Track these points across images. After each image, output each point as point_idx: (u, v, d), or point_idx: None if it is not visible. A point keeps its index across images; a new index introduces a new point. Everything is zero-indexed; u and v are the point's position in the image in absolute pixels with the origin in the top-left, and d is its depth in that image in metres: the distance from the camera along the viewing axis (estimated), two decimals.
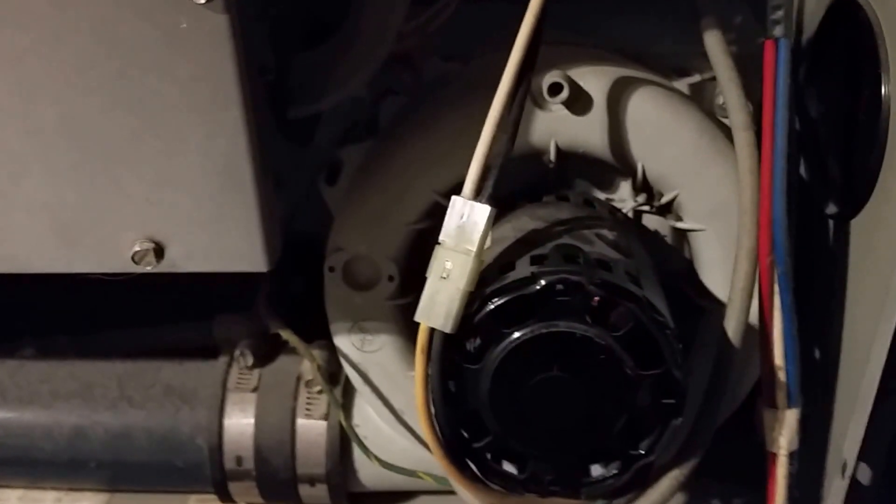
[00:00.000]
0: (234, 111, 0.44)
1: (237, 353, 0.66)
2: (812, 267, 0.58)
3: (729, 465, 0.62)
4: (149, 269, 0.47)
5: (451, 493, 0.65)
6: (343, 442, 0.64)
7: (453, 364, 0.46)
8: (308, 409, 0.64)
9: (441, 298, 0.44)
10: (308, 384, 0.64)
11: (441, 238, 0.45)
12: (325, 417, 0.64)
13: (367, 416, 0.64)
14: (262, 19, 0.45)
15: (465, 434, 0.47)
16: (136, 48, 0.43)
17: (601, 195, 0.59)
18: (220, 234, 0.47)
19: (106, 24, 0.42)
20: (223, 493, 0.66)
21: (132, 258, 0.47)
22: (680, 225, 0.56)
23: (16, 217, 0.47)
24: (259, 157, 0.45)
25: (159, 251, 0.47)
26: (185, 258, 0.48)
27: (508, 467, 0.48)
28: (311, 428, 0.64)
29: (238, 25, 0.42)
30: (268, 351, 0.66)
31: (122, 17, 0.42)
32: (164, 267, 0.48)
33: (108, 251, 0.48)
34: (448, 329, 0.44)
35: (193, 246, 0.48)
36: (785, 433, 0.52)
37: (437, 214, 0.56)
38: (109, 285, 0.69)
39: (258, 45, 0.45)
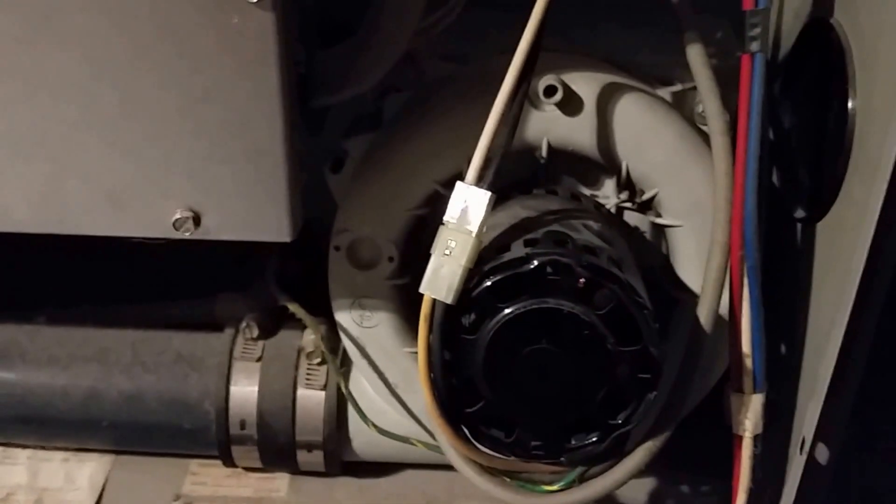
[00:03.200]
0: (272, 98, 0.47)
1: (243, 325, 0.68)
2: (781, 266, 0.61)
3: (697, 457, 0.66)
4: (187, 235, 0.51)
5: (437, 466, 0.69)
6: (339, 412, 0.67)
7: (452, 334, 0.49)
8: (308, 380, 0.67)
9: (444, 273, 0.48)
10: (309, 356, 0.67)
11: (445, 219, 0.48)
12: (324, 388, 0.67)
13: (363, 390, 0.67)
14: (295, 17, 0.48)
15: (460, 399, 0.51)
16: (191, 39, 0.46)
17: (587, 191, 0.62)
18: (251, 207, 0.51)
19: (167, 16, 0.46)
20: (226, 455, 0.69)
21: (173, 225, 0.51)
22: (659, 221, 0.59)
23: (71, 183, 0.51)
24: (289, 140, 0.49)
25: (197, 220, 0.51)
26: (218, 227, 0.51)
27: (496, 432, 0.51)
28: (311, 397, 0.67)
29: (282, 22, 0.45)
30: (271, 325, 0.69)
31: (182, 10, 0.46)
32: (200, 234, 0.51)
33: (153, 218, 0.51)
34: (449, 300, 0.48)
35: (227, 216, 0.51)
36: (750, 416, 0.55)
37: (435, 202, 0.60)
38: (124, 262, 0.73)
39: (293, 40, 0.48)
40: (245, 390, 0.67)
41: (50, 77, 0.48)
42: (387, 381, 0.66)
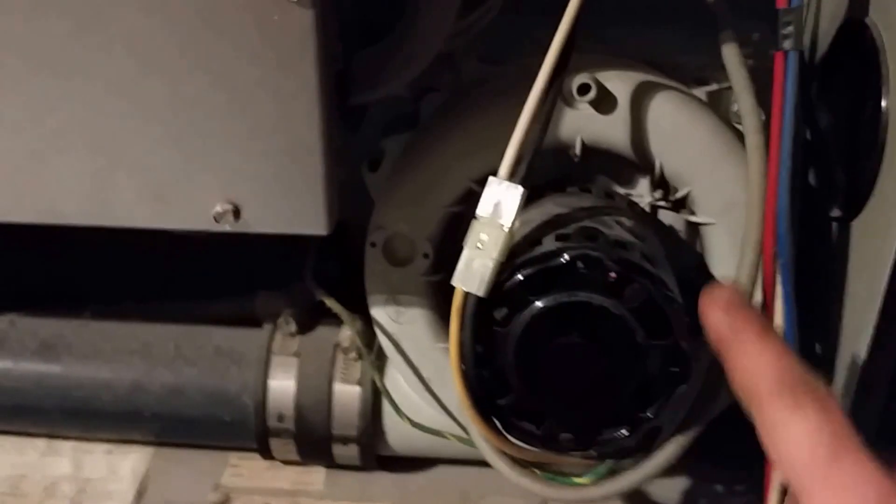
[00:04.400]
0: (311, 94, 0.49)
1: (281, 320, 0.70)
2: (817, 265, 0.62)
3: (733, 455, 0.66)
4: (227, 228, 0.52)
5: (470, 462, 0.70)
6: (374, 406, 0.68)
7: (483, 327, 0.50)
8: (344, 375, 0.68)
9: (476, 266, 0.48)
10: (345, 351, 0.68)
11: (477, 213, 0.49)
12: (359, 383, 0.68)
13: (397, 385, 0.68)
14: (334, 16, 0.49)
15: (491, 391, 0.51)
16: (233, 36, 0.48)
17: (621, 190, 0.62)
18: (290, 201, 0.52)
19: (211, 14, 0.47)
20: (264, 447, 0.70)
21: (214, 217, 0.52)
22: (693, 219, 0.60)
23: (118, 176, 0.52)
24: (327, 137, 0.50)
25: (237, 212, 0.52)
26: (258, 220, 0.52)
27: (527, 424, 0.52)
28: (346, 392, 0.68)
29: (321, 20, 0.47)
30: (308, 320, 0.70)
31: (225, 8, 0.47)
32: (240, 227, 0.52)
33: (194, 210, 0.52)
34: (481, 293, 0.48)
35: (266, 209, 0.52)
36: None
37: (469, 199, 0.60)
38: (168, 260, 0.75)
39: (332, 38, 0.49)
40: (283, 384, 0.68)
41: (98, 74, 0.50)
42: (421, 375, 0.67)
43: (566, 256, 0.49)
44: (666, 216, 0.62)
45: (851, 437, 0.33)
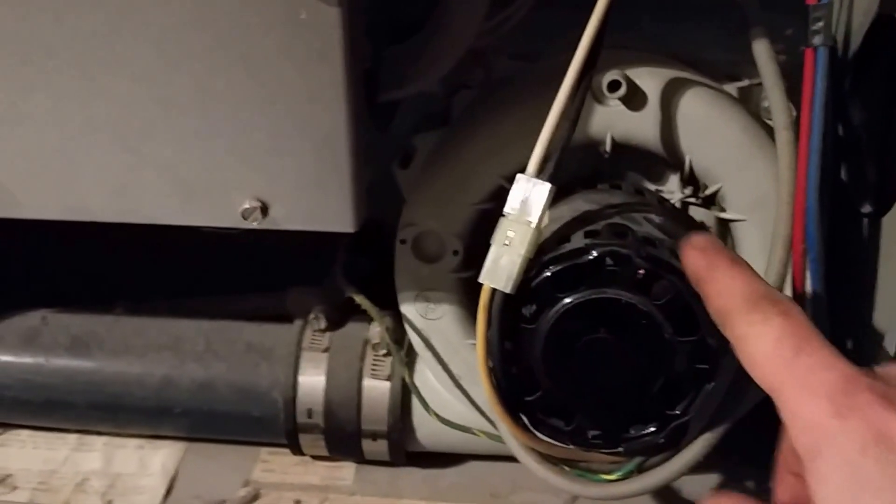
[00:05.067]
0: (338, 92, 0.49)
1: (311, 316, 0.71)
2: (848, 261, 0.62)
3: (764, 452, 0.66)
4: (254, 225, 0.53)
5: (499, 458, 0.71)
6: (404, 402, 0.69)
7: (511, 323, 0.51)
8: (374, 370, 0.69)
9: (503, 263, 0.49)
10: (375, 347, 0.69)
11: (505, 210, 0.50)
12: (389, 378, 0.69)
13: (427, 381, 0.69)
14: (362, 14, 0.50)
15: (519, 388, 0.52)
16: (261, 33, 0.49)
17: (651, 186, 0.63)
18: (317, 197, 0.53)
19: (239, 11, 0.48)
20: (294, 442, 0.71)
21: (241, 214, 0.53)
22: (723, 215, 0.60)
23: (144, 174, 0.53)
24: (354, 133, 0.51)
25: (265, 209, 0.53)
26: (285, 217, 0.53)
27: (556, 421, 0.53)
28: (376, 387, 0.69)
29: (348, 17, 0.48)
30: (339, 317, 0.71)
31: (253, 6, 0.48)
32: (267, 224, 0.53)
33: (222, 207, 0.53)
34: (508, 289, 0.49)
35: (294, 206, 0.53)
36: None
37: (499, 196, 0.61)
38: (199, 256, 0.76)
39: (359, 35, 0.50)
40: (313, 380, 0.69)
41: (127, 71, 0.51)
42: (450, 372, 0.68)
43: (594, 253, 0.49)
44: (696, 213, 0.62)
45: (814, 335, 0.36)
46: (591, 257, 0.49)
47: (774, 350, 0.36)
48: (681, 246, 0.43)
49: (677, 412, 0.52)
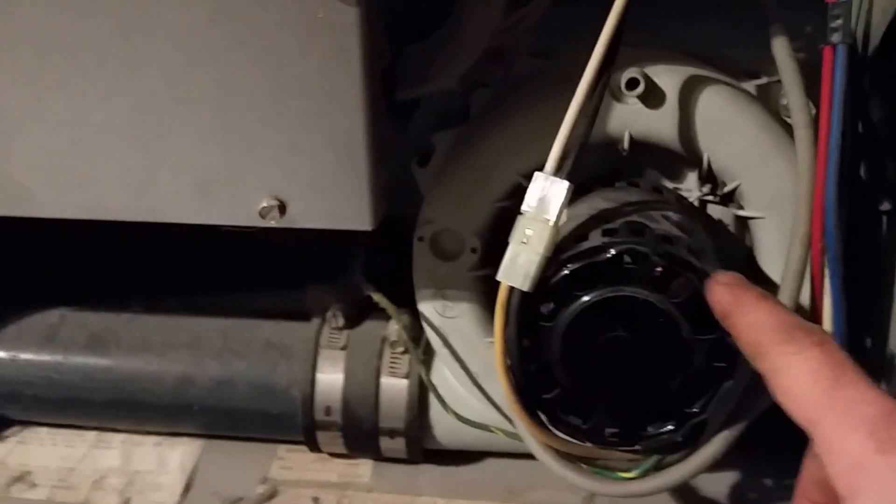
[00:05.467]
0: (356, 91, 0.50)
1: (329, 314, 0.71)
2: (867, 259, 0.62)
3: (781, 449, 0.67)
4: (272, 223, 0.53)
5: (516, 455, 0.71)
6: (421, 400, 0.70)
7: (528, 321, 0.51)
8: (391, 368, 0.69)
9: (521, 261, 0.49)
10: (392, 345, 0.70)
11: (523, 208, 0.50)
12: (406, 376, 0.69)
13: (444, 378, 0.69)
14: (380, 12, 0.51)
15: (537, 386, 0.53)
16: (279, 32, 0.49)
17: (669, 184, 0.63)
18: (335, 196, 0.53)
19: (257, 10, 0.49)
20: (311, 440, 0.71)
21: (259, 213, 0.54)
22: (741, 213, 0.60)
23: (162, 172, 0.54)
24: (372, 132, 0.51)
25: (282, 208, 0.53)
26: (303, 216, 0.54)
27: (573, 419, 0.53)
28: (394, 385, 0.69)
29: (366, 16, 0.48)
30: (356, 315, 0.72)
31: (271, 5, 0.48)
32: (285, 222, 0.54)
33: (240, 206, 0.54)
34: (526, 288, 0.50)
35: (312, 205, 0.54)
36: None
37: (518, 194, 0.61)
38: (217, 253, 0.76)
39: (378, 34, 0.51)
40: (330, 377, 0.70)
41: (144, 70, 0.51)
42: (468, 370, 0.68)
43: (612, 251, 0.50)
44: (714, 210, 0.63)
45: (851, 367, 0.36)
46: (608, 255, 0.50)
47: (812, 382, 0.36)
48: (706, 284, 0.44)
49: (695, 410, 0.52)
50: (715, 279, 0.43)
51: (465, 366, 0.68)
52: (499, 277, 0.50)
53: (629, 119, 0.59)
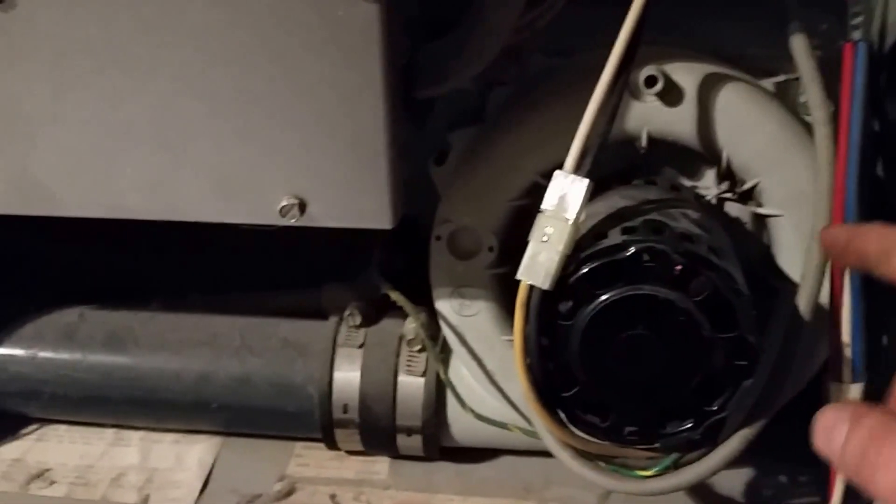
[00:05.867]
0: (376, 89, 0.50)
1: (346, 313, 0.71)
2: None
3: (795, 447, 0.66)
4: (292, 222, 0.53)
5: (533, 453, 0.71)
6: (438, 398, 0.69)
7: (548, 320, 0.51)
8: (408, 366, 0.69)
9: (541, 259, 0.49)
10: (409, 343, 0.69)
11: (543, 206, 0.50)
12: (423, 374, 0.69)
13: (461, 377, 0.69)
14: (399, 10, 0.50)
15: (556, 384, 0.52)
16: (299, 30, 0.49)
17: (687, 182, 0.63)
18: (355, 195, 0.53)
19: (277, 9, 0.48)
20: (329, 437, 0.71)
21: (280, 212, 0.53)
22: (760, 211, 0.60)
23: (183, 172, 0.54)
24: (392, 130, 0.51)
25: (302, 207, 0.53)
26: (323, 214, 0.54)
27: (592, 417, 0.53)
28: (411, 383, 0.69)
29: (386, 14, 0.48)
30: (373, 313, 0.71)
31: (291, 4, 0.48)
32: (305, 221, 0.53)
33: (260, 205, 0.54)
34: (546, 286, 0.49)
35: (331, 204, 0.53)
36: None
37: (535, 193, 0.61)
38: (234, 252, 0.76)
39: (397, 32, 0.50)
40: (348, 376, 0.70)
41: (165, 70, 0.51)
42: (485, 368, 0.68)
43: (631, 249, 0.49)
44: (732, 208, 0.62)
45: None
46: (628, 254, 0.49)
47: None
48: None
49: (714, 408, 0.51)
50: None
51: (482, 364, 0.67)
52: (519, 276, 0.50)
53: (647, 117, 0.58)
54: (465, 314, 0.66)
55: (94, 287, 0.79)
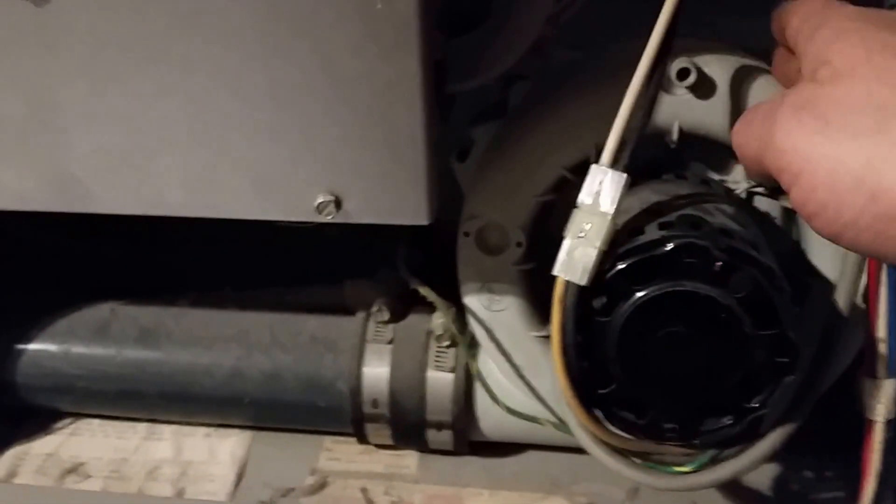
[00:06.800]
0: (413, 84, 0.46)
1: (374, 308, 0.68)
2: None
3: (821, 441, 0.63)
4: (329, 218, 0.50)
5: (559, 448, 0.68)
6: (467, 393, 0.66)
7: (585, 317, 0.47)
8: (437, 362, 0.66)
9: (578, 255, 0.46)
10: (438, 339, 0.66)
11: (579, 201, 0.46)
12: (453, 370, 0.66)
13: (490, 371, 0.66)
14: (434, 4, 0.47)
15: (592, 381, 0.49)
16: (336, 26, 0.45)
17: (716, 177, 0.59)
18: (391, 190, 0.50)
19: (314, 4, 0.45)
20: (360, 431, 0.68)
21: (316, 208, 0.50)
22: (790, 205, 0.56)
23: (221, 169, 0.51)
24: (430, 125, 0.48)
25: (339, 203, 0.50)
26: (359, 211, 0.50)
27: (629, 414, 0.49)
28: (440, 378, 0.66)
29: (423, 8, 0.44)
30: (401, 309, 0.68)
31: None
32: (341, 217, 0.50)
33: (297, 202, 0.50)
34: (584, 282, 0.46)
35: (367, 200, 0.50)
36: (883, 401, 0.52)
37: (562, 188, 0.58)
38: (262, 249, 0.73)
39: (431, 26, 0.47)
40: (377, 371, 0.67)
41: (201, 66, 0.48)
42: (513, 363, 0.64)
43: (671, 245, 0.46)
44: (762, 202, 0.59)
45: None
46: (667, 249, 0.46)
47: None
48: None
49: (755, 405, 0.48)
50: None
51: (511, 359, 0.64)
52: (555, 272, 0.46)
53: (678, 110, 0.55)
54: (493, 309, 0.63)
55: (124, 283, 0.76)
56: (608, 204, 0.46)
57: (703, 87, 0.54)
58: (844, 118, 0.34)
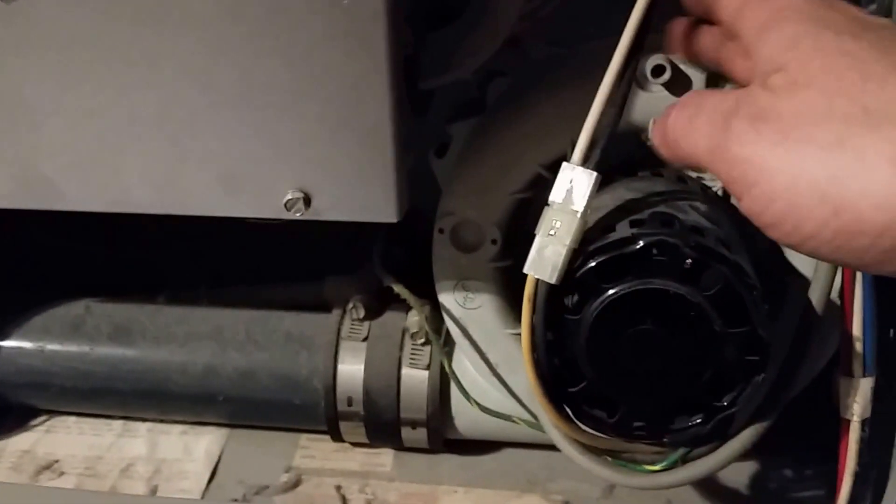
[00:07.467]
0: (381, 80, 0.46)
1: (350, 306, 0.67)
2: None
3: (800, 441, 0.63)
4: (297, 216, 0.50)
5: (535, 446, 0.67)
6: (442, 391, 0.66)
7: (555, 314, 0.47)
8: (412, 360, 0.65)
9: (548, 253, 0.45)
10: (413, 336, 0.66)
11: (550, 199, 0.46)
12: (428, 367, 0.65)
13: (464, 369, 0.65)
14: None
15: (562, 379, 0.48)
16: (303, 21, 0.45)
17: (692, 173, 0.59)
18: (360, 188, 0.49)
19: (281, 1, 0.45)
20: (334, 430, 0.68)
21: (285, 205, 0.50)
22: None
23: (188, 166, 0.50)
24: (398, 122, 0.47)
25: (307, 200, 0.50)
26: (328, 208, 0.50)
27: (599, 412, 0.49)
28: (415, 376, 0.65)
29: (391, 4, 0.44)
30: (377, 306, 0.68)
31: None
32: (310, 215, 0.50)
33: (265, 198, 0.50)
34: (553, 280, 0.45)
35: (336, 197, 0.50)
36: (859, 400, 0.52)
37: (538, 185, 0.57)
38: (238, 246, 0.73)
39: (401, 22, 0.47)
40: (352, 368, 0.66)
41: (169, 62, 0.48)
42: (488, 360, 0.64)
43: (641, 243, 0.45)
44: None
45: None
46: (637, 247, 0.45)
47: None
48: None
49: (725, 403, 0.48)
50: None
51: (486, 357, 0.64)
52: (526, 270, 0.46)
53: (654, 107, 0.54)
54: (468, 307, 0.63)
55: (99, 280, 0.75)
56: (579, 202, 0.45)
57: (679, 84, 0.53)
58: (804, 131, 0.34)
